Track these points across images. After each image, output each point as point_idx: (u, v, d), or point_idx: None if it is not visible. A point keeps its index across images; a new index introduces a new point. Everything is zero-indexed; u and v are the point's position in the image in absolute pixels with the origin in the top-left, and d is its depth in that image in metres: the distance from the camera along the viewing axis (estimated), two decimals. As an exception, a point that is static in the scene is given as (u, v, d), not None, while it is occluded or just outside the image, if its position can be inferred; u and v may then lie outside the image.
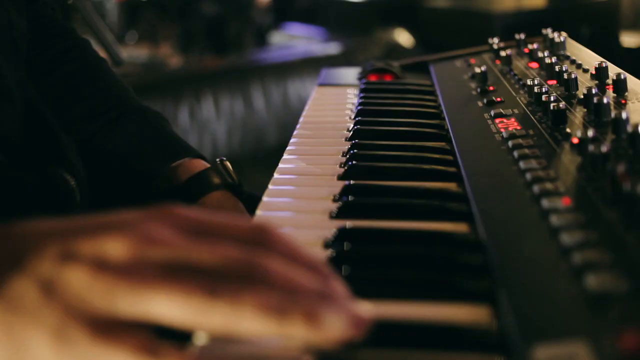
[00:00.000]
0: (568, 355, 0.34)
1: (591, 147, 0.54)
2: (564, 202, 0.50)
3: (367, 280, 0.44)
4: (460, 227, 0.52)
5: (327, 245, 0.50)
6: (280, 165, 0.67)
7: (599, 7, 2.72)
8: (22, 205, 0.58)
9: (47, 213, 0.39)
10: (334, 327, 0.33)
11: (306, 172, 0.65)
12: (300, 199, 0.59)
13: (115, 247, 0.34)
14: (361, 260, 0.47)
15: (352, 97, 0.91)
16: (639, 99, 0.67)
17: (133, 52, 2.87)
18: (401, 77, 0.98)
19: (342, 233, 0.51)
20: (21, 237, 0.35)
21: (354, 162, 0.65)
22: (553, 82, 0.79)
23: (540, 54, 0.88)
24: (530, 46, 0.93)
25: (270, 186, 0.61)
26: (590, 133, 0.55)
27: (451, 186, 0.61)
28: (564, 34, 0.97)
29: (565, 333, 0.35)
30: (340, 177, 0.63)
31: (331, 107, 0.88)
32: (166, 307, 0.33)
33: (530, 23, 2.74)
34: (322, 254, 0.48)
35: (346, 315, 0.33)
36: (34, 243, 0.35)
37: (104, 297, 0.33)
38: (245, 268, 0.34)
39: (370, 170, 0.64)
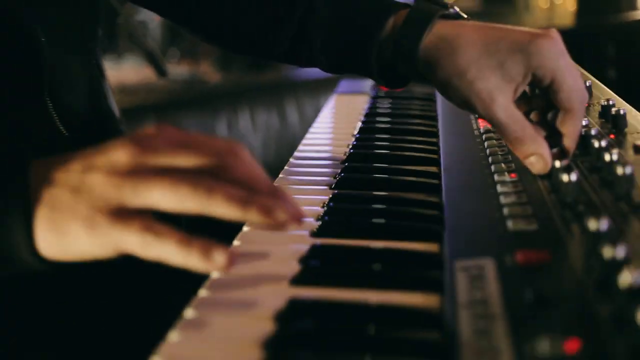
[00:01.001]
0: (479, 266, 0.50)
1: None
2: (512, 175, 0.66)
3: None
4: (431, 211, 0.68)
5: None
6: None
7: (625, 27, 2.84)
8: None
9: None
10: (280, 217, 0.47)
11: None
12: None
13: (122, 157, 0.49)
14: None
15: (365, 105, 1.08)
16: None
17: (175, 70, 3.05)
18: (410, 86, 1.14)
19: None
20: (57, 162, 0.50)
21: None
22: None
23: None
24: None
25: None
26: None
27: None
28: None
29: (482, 254, 0.51)
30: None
31: (342, 116, 1.04)
32: (160, 196, 0.47)
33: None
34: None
35: (289, 210, 0.47)
36: (64, 163, 0.50)
37: (116, 192, 0.48)
38: (219, 168, 0.48)
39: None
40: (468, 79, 0.65)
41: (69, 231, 0.48)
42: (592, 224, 0.49)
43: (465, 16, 0.72)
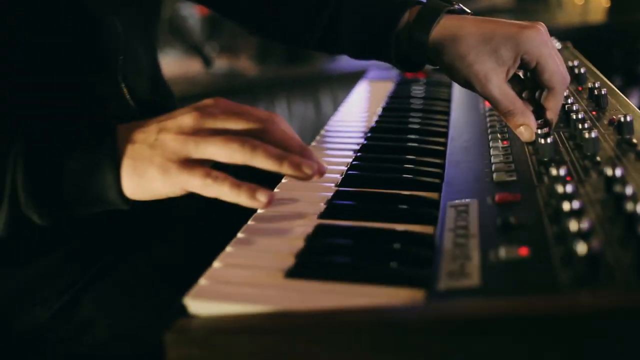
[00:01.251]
0: (465, 204, 0.64)
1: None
2: (504, 143, 0.80)
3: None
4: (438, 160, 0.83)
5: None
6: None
7: (657, 24, 2.93)
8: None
9: None
10: (306, 171, 0.62)
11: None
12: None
13: (187, 121, 0.64)
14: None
15: (390, 89, 1.23)
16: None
17: (214, 63, 3.22)
18: (430, 74, 1.28)
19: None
20: (137, 125, 0.66)
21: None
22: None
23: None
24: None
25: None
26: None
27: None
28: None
29: (470, 197, 0.66)
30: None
31: (369, 98, 1.19)
32: (216, 150, 0.62)
33: (590, 37, 2.99)
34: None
35: (314, 166, 0.62)
36: (143, 126, 0.66)
37: (183, 147, 0.63)
38: (262, 132, 0.64)
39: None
40: (468, 63, 0.79)
41: (146, 175, 0.65)
42: (554, 171, 0.63)
43: (469, 11, 0.86)
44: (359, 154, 0.86)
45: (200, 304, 0.54)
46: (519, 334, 0.45)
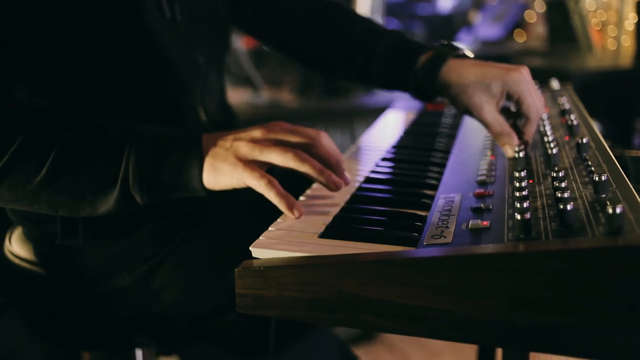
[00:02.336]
0: (452, 196, 0.90)
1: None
2: (491, 157, 1.05)
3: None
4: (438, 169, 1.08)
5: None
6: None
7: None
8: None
9: None
10: (338, 183, 0.88)
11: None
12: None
13: (257, 134, 0.90)
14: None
15: (412, 117, 1.49)
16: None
17: (258, 94, 3.51)
18: (448, 106, 1.54)
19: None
20: (218, 135, 0.92)
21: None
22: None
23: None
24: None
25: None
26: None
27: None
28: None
29: (457, 192, 0.91)
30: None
31: (394, 123, 1.46)
32: (274, 157, 0.88)
33: (619, 80, 3.23)
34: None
35: (341, 182, 0.89)
36: (223, 136, 0.91)
37: (251, 151, 0.89)
38: (310, 146, 0.90)
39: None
40: (467, 95, 1.06)
41: (221, 171, 0.90)
42: (517, 174, 0.88)
43: (471, 55, 1.13)
44: (380, 163, 1.12)
45: (259, 251, 0.80)
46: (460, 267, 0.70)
